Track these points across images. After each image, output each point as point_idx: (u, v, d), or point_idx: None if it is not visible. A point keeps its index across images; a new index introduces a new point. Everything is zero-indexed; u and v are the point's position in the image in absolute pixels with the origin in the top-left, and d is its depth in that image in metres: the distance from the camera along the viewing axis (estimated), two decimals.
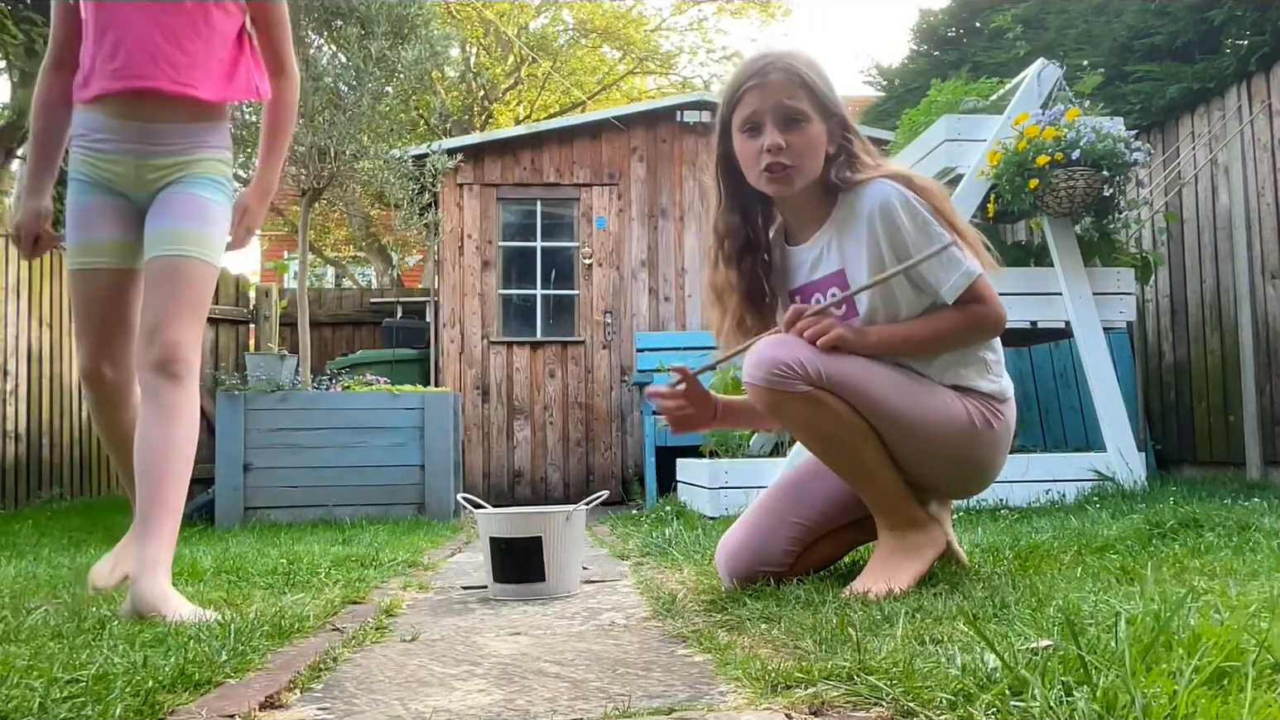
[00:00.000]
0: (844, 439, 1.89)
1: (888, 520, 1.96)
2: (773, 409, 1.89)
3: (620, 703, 1.24)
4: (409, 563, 2.97)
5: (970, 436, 1.94)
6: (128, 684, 1.28)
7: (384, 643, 1.75)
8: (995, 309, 1.95)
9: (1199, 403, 5.11)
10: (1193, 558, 2.11)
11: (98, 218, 2.17)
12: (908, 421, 1.90)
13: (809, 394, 1.85)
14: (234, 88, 2.23)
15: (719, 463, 4.26)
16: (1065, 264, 4.29)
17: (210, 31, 2.16)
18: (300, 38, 5.70)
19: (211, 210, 2.16)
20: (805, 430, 1.94)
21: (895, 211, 1.89)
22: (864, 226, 1.92)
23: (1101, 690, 0.97)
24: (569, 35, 17.42)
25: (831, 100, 1.97)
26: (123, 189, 2.17)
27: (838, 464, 1.96)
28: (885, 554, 1.95)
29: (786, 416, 1.91)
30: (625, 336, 7.37)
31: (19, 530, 4.42)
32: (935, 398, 1.93)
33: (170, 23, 2.12)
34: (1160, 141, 5.40)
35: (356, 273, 16.74)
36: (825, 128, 1.95)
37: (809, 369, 1.84)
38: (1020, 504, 3.79)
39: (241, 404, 4.83)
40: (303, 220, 5.85)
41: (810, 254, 2.04)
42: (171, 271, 2.08)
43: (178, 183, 2.14)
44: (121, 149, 2.14)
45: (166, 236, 2.10)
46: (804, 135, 1.93)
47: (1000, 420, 1.99)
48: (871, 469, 1.92)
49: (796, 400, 1.85)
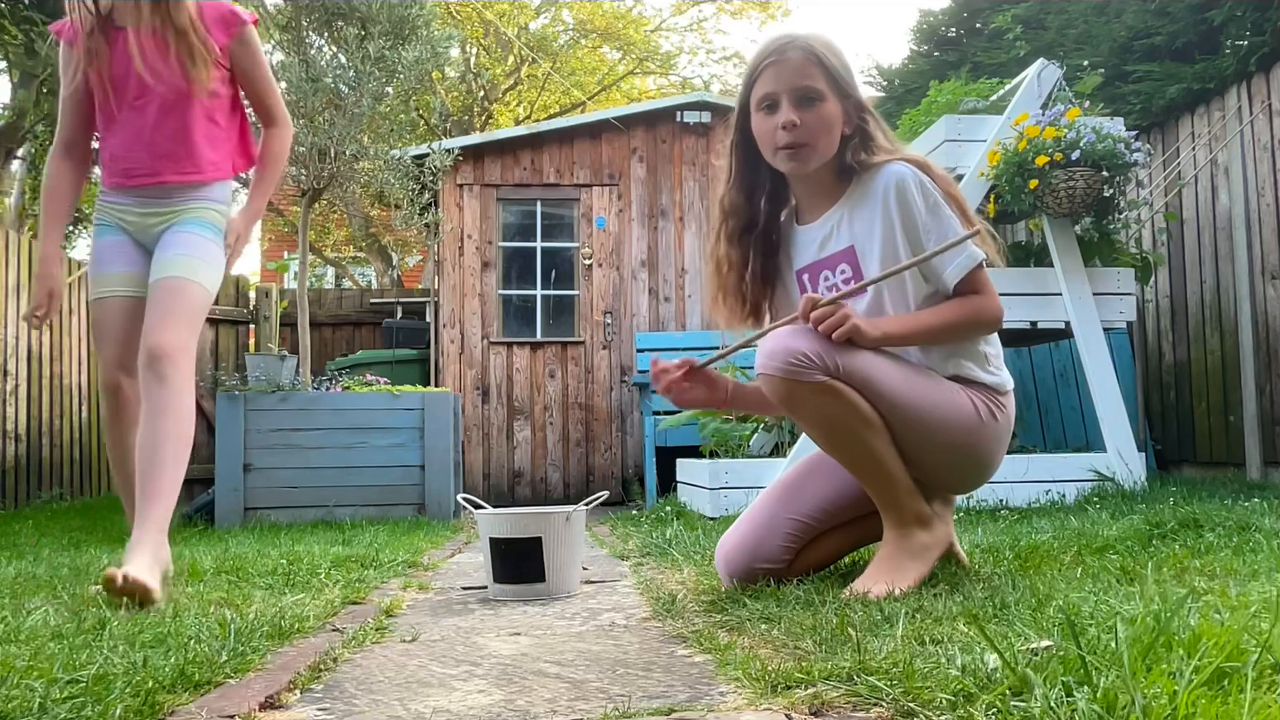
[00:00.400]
0: (856, 431, 1.89)
1: (894, 516, 1.96)
2: (787, 399, 1.88)
3: (620, 703, 1.24)
4: (409, 563, 2.97)
5: (975, 428, 1.96)
6: (128, 684, 1.28)
7: (384, 643, 1.75)
8: (995, 303, 1.98)
9: (1199, 403, 5.11)
10: (1193, 558, 2.11)
11: (113, 254, 2.52)
12: (918, 412, 1.91)
13: (824, 384, 1.84)
14: (236, 161, 2.60)
15: (719, 463, 4.26)
16: (1065, 264, 4.29)
17: (209, 122, 2.49)
18: (300, 38, 5.71)
19: (203, 245, 2.47)
20: (817, 421, 1.92)
21: (909, 190, 1.93)
22: (877, 204, 1.95)
23: (1102, 690, 0.97)
24: (569, 35, 17.42)
25: (848, 81, 2.00)
26: (133, 233, 2.52)
27: (848, 457, 1.94)
28: (889, 553, 1.94)
29: (800, 407, 1.90)
30: (625, 337, 7.37)
31: (19, 530, 4.42)
32: (943, 389, 1.95)
33: (171, 123, 2.44)
34: (1160, 142, 5.40)
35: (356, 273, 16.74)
36: (841, 107, 1.98)
37: (825, 359, 1.83)
38: (1020, 504, 3.79)
39: (241, 404, 4.83)
40: (303, 220, 5.85)
41: (820, 232, 2.06)
42: (165, 291, 2.38)
43: (177, 224, 2.47)
44: (132, 211, 2.51)
45: (163, 265, 2.41)
46: (818, 113, 1.95)
47: (1003, 413, 2.01)
48: (881, 463, 1.92)
49: (811, 390, 1.85)
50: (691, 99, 7.70)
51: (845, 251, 2.02)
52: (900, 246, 1.96)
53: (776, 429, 4.74)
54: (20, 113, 9.21)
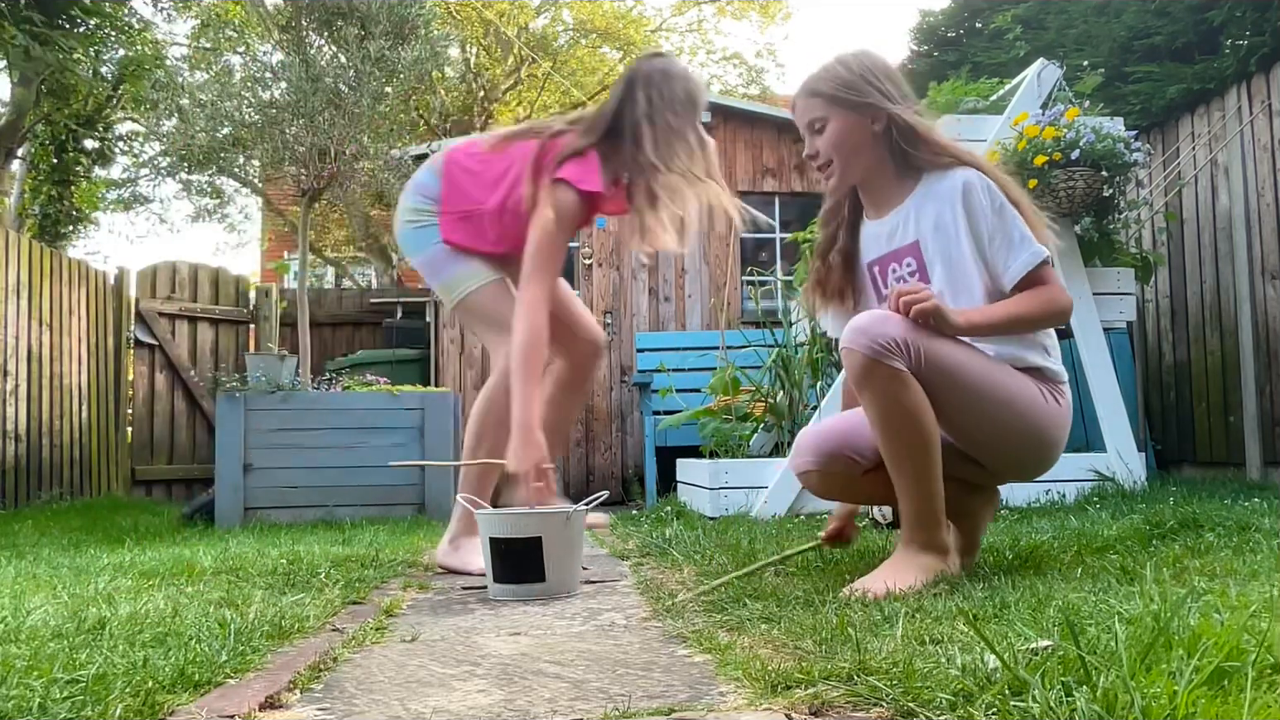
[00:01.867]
0: (915, 427, 1.93)
1: (911, 533, 1.99)
2: (863, 376, 1.94)
3: (620, 703, 1.24)
4: (409, 563, 2.97)
5: (1046, 415, 2.05)
6: (128, 684, 1.28)
7: (384, 643, 1.75)
8: (1064, 295, 2.05)
9: (1199, 403, 5.11)
10: (1193, 558, 2.11)
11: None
12: (995, 400, 1.99)
13: (901, 373, 1.91)
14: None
15: (719, 463, 4.26)
16: (1065, 264, 4.29)
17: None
18: (300, 38, 5.71)
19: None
20: (882, 405, 1.96)
21: (975, 193, 2.04)
22: (945, 205, 2.07)
23: (1101, 690, 0.97)
24: (569, 35, 17.42)
25: (851, 92, 2.13)
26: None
27: (894, 450, 1.97)
28: (894, 561, 1.99)
29: (871, 387, 1.95)
30: (625, 337, 7.37)
31: (19, 530, 4.42)
32: (1015, 379, 2.04)
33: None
34: (1160, 142, 5.40)
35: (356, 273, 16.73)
36: (849, 120, 2.12)
37: (909, 348, 1.92)
38: (1020, 504, 3.79)
39: (242, 404, 4.83)
40: (303, 220, 5.85)
41: (887, 227, 2.19)
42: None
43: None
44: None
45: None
46: (827, 137, 2.15)
47: (1064, 399, 2.09)
48: (923, 471, 1.95)
49: (888, 375, 1.91)
50: None
51: (911, 246, 2.14)
52: (966, 248, 2.05)
53: (776, 429, 4.74)
54: (20, 112, 9.21)
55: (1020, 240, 2.02)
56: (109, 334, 7.22)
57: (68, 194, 10.57)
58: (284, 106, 5.32)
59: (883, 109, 2.11)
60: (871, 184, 2.20)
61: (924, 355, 1.92)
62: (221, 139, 5.55)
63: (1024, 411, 2.02)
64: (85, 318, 6.89)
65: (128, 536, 4.04)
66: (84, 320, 6.87)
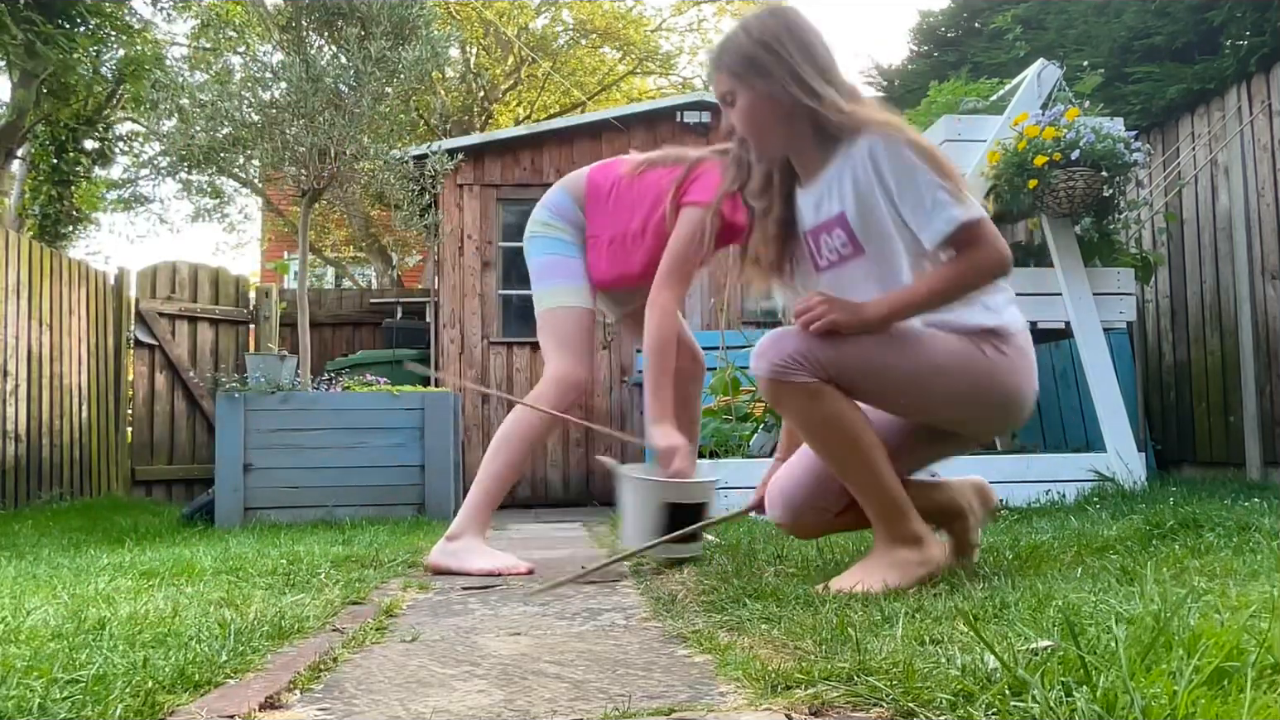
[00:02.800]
0: (840, 433, 1.92)
1: (884, 530, 1.99)
2: (774, 399, 1.93)
3: (620, 703, 1.24)
4: (409, 563, 2.97)
5: (986, 367, 1.96)
6: (128, 684, 1.28)
7: (384, 643, 1.75)
8: (990, 252, 1.90)
9: (1199, 403, 5.11)
10: (1193, 558, 2.11)
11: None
12: (923, 372, 1.94)
13: (807, 386, 1.88)
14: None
15: (719, 463, 4.25)
16: (1065, 264, 4.29)
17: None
18: (300, 38, 5.71)
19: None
20: (801, 423, 1.97)
21: (880, 157, 1.92)
22: (858, 172, 1.96)
23: (1101, 691, 0.97)
24: (569, 35, 17.42)
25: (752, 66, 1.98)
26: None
27: (834, 461, 1.98)
28: (869, 560, 1.99)
29: (786, 408, 1.96)
30: (625, 337, 7.36)
31: (19, 530, 4.42)
32: (938, 343, 1.95)
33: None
34: (1160, 142, 5.40)
35: (356, 273, 16.74)
36: (757, 91, 1.98)
37: (809, 360, 1.88)
38: (1020, 504, 3.78)
39: (242, 404, 4.83)
40: (303, 220, 5.85)
41: (813, 197, 2.08)
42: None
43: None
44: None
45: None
46: (736, 111, 2.04)
47: (1010, 345, 1.98)
48: (871, 471, 1.94)
49: (795, 392, 1.90)
50: (691, 99, 7.70)
51: (837, 217, 2.02)
52: (885, 213, 1.95)
53: (776, 429, 4.74)
54: (20, 112, 9.21)
55: (934, 204, 1.88)
56: (109, 334, 7.22)
57: (68, 194, 10.57)
58: (284, 107, 5.32)
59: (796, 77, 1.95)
60: (794, 154, 2.08)
61: (829, 361, 1.88)
62: (221, 139, 5.55)
63: (960, 374, 1.94)
64: (85, 318, 6.88)
65: (128, 537, 4.04)
66: (84, 320, 6.87)
